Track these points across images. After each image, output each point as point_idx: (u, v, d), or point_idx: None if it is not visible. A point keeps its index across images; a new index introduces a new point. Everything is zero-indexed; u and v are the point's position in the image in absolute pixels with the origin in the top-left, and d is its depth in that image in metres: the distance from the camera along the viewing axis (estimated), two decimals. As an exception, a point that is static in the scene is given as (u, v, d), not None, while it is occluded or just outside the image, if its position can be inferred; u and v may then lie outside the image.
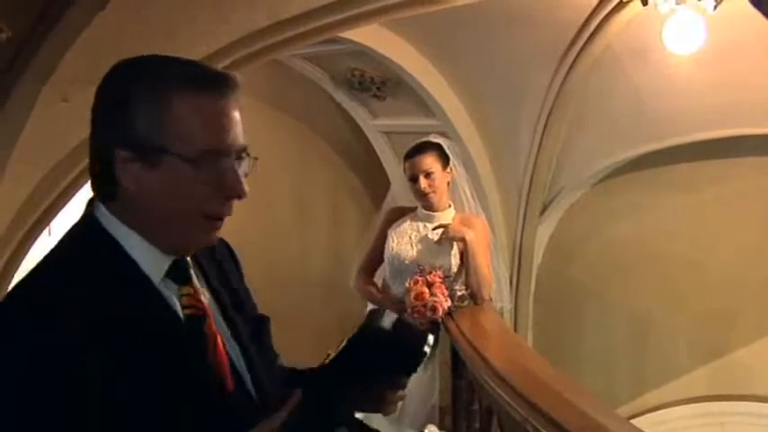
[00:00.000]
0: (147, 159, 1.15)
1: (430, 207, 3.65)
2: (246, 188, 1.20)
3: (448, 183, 3.67)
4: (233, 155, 1.19)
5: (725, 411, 5.87)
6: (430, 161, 3.60)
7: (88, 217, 1.21)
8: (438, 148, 3.64)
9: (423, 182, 3.58)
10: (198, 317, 1.22)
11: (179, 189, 1.16)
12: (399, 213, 3.79)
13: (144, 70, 1.18)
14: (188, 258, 1.25)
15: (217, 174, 1.17)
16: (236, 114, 1.19)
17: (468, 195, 3.78)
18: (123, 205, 1.18)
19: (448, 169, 3.64)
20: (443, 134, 5.26)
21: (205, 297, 1.26)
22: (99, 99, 1.18)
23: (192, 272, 1.26)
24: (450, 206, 3.71)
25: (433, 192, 3.60)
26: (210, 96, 1.16)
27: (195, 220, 1.19)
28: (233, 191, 1.19)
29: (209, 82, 1.17)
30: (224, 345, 1.25)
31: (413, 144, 3.71)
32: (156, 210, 1.17)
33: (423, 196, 3.62)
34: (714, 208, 5.71)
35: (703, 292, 5.77)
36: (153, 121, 1.14)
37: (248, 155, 1.22)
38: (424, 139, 3.73)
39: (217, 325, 1.26)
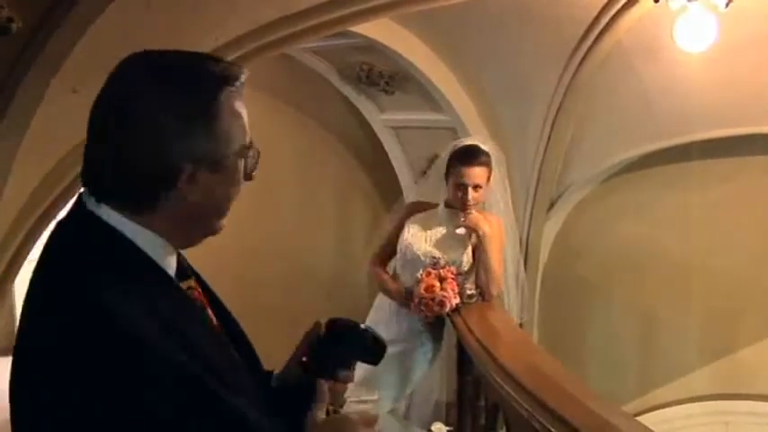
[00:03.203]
0: (212, 168, 1.16)
1: (460, 210, 3.63)
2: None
3: None
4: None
5: (730, 410, 5.87)
6: (482, 173, 3.55)
7: (87, 215, 1.16)
8: (489, 159, 3.59)
9: (470, 193, 3.53)
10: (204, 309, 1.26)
11: (230, 189, 1.20)
12: (420, 207, 3.80)
13: (184, 77, 1.16)
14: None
15: (249, 167, 1.21)
16: None
17: (499, 200, 3.76)
18: (156, 211, 1.15)
19: (490, 181, 3.62)
20: (453, 130, 5.26)
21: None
22: (148, 115, 1.13)
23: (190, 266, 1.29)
24: None
25: (475, 204, 3.58)
26: (240, 93, 1.19)
27: (224, 215, 1.23)
28: (249, 179, 1.22)
29: (237, 79, 1.18)
30: None
31: (465, 146, 3.64)
32: (203, 211, 1.18)
33: (462, 205, 3.58)
34: (723, 206, 5.70)
35: (710, 291, 5.76)
36: (209, 128, 1.15)
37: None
38: (477, 144, 3.66)
39: None
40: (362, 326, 1.39)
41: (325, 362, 1.35)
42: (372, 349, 1.39)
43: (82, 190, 1.20)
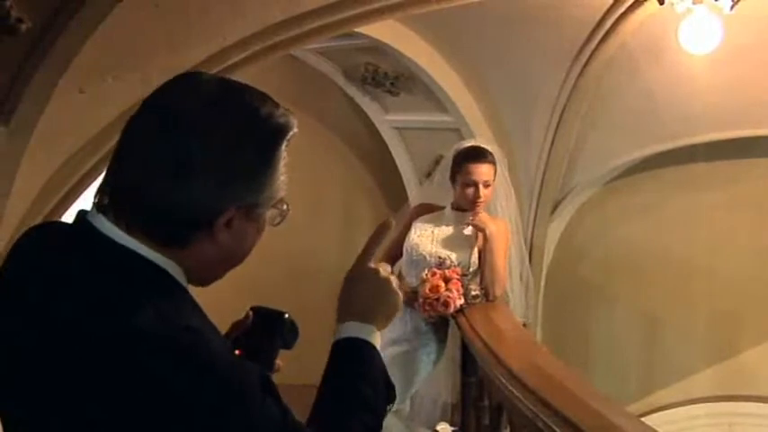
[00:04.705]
0: (248, 215, 1.14)
1: (469, 210, 3.64)
2: None
3: None
4: None
5: (733, 412, 5.87)
6: (490, 171, 3.59)
7: (104, 238, 1.09)
8: (494, 158, 3.63)
9: (481, 191, 3.56)
10: None
11: (256, 237, 1.18)
12: (427, 209, 3.81)
13: (253, 122, 1.12)
14: None
15: (279, 219, 1.20)
16: None
17: (503, 202, 3.78)
18: (186, 248, 1.11)
19: (495, 180, 3.65)
20: (457, 131, 5.26)
21: None
22: (211, 157, 1.07)
23: None
24: None
25: (484, 202, 3.60)
26: (287, 145, 1.17)
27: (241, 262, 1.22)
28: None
29: (293, 128, 1.17)
30: None
31: (469, 146, 3.69)
32: (229, 255, 1.17)
33: (473, 203, 3.60)
34: (727, 209, 5.70)
35: (713, 293, 5.76)
36: (263, 178, 1.13)
37: None
38: (482, 145, 3.71)
39: None
40: (286, 314, 1.41)
41: (262, 352, 1.36)
42: (291, 336, 1.40)
43: (87, 210, 1.13)
